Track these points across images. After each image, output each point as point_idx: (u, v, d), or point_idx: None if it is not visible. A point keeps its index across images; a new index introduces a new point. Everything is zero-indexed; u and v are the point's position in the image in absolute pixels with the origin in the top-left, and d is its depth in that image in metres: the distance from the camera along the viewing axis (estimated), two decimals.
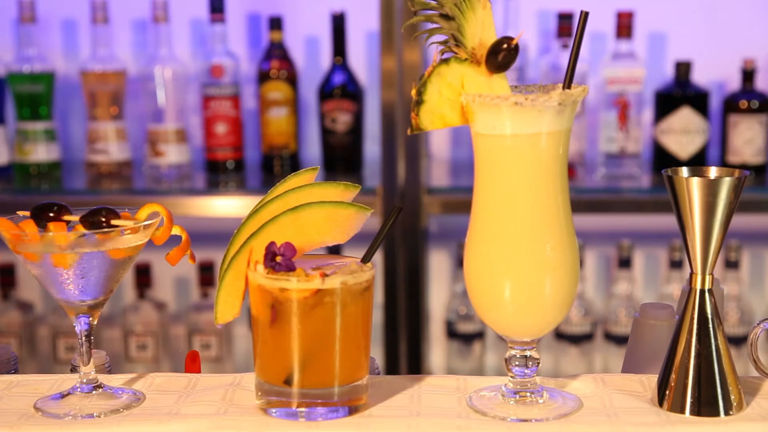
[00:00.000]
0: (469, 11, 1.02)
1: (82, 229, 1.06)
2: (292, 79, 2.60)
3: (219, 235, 2.77)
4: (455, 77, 1.03)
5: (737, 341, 2.62)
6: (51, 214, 1.08)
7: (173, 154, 2.60)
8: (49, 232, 1.04)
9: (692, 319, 1.06)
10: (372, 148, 2.66)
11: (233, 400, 1.10)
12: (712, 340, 1.06)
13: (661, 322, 1.22)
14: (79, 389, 1.11)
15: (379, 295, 2.49)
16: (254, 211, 1.09)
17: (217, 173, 2.62)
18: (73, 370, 1.23)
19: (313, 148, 2.75)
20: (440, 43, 1.04)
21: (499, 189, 1.03)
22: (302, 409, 1.04)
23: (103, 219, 1.06)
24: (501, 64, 1.02)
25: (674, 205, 1.05)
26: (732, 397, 1.05)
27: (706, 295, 1.06)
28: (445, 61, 1.03)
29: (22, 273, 2.76)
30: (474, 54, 1.03)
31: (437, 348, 2.79)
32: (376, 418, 1.05)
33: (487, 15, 1.03)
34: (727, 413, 1.04)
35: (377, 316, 2.46)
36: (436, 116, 1.03)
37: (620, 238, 2.65)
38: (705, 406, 1.05)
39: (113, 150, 2.62)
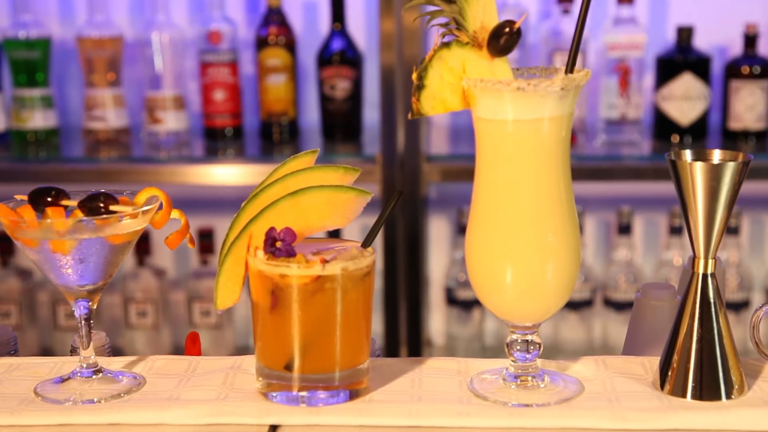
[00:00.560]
0: None
1: (80, 215, 1.06)
2: (290, 45, 2.58)
3: (218, 201, 2.77)
4: (456, 61, 1.01)
5: (736, 307, 2.62)
6: (49, 199, 1.07)
7: (171, 121, 2.58)
8: (48, 219, 1.03)
9: (694, 303, 1.06)
10: (371, 114, 2.64)
11: (234, 384, 1.09)
12: (714, 324, 1.05)
13: (663, 303, 1.22)
14: (79, 374, 1.10)
15: (379, 261, 2.49)
16: (254, 195, 1.08)
17: (216, 140, 2.61)
18: (73, 351, 1.23)
19: (312, 114, 2.73)
20: (441, 25, 1.03)
21: (501, 174, 1.02)
22: (303, 393, 1.04)
23: (102, 204, 1.05)
24: (503, 48, 1.01)
25: (677, 189, 1.04)
26: (734, 380, 1.05)
27: (709, 279, 1.05)
28: (446, 44, 1.01)
29: None
30: (476, 37, 1.02)
31: (437, 314, 2.79)
32: (377, 403, 1.05)
33: None
34: (728, 397, 1.04)
35: (377, 282, 2.46)
36: (437, 101, 1.02)
37: (620, 204, 2.64)
38: (707, 390, 1.04)
39: (111, 117, 2.61)
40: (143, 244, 2.65)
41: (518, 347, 1.07)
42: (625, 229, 2.62)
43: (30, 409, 1.05)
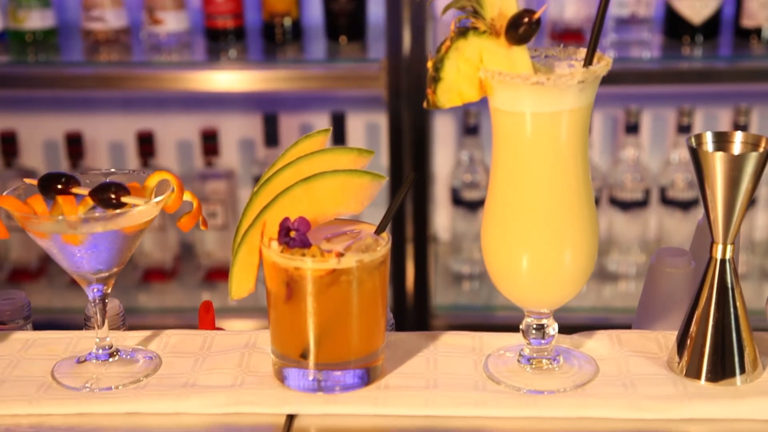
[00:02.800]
0: None
1: (90, 202, 1.05)
2: None
3: (222, 99, 2.74)
4: (473, 52, 0.98)
5: None
6: (59, 186, 1.06)
7: (172, 22, 2.52)
8: (59, 216, 1.02)
9: (711, 287, 1.05)
10: (376, 9, 2.58)
11: (249, 367, 1.10)
12: (732, 309, 1.05)
13: (678, 270, 1.21)
14: (95, 358, 1.11)
15: (385, 159, 2.48)
16: (266, 180, 1.06)
17: (218, 41, 2.55)
18: (87, 320, 1.22)
19: (315, 13, 2.66)
20: (458, 7, 1.00)
21: (518, 164, 1.01)
22: (319, 377, 1.04)
23: (113, 196, 1.03)
24: (521, 38, 0.98)
25: (697, 177, 1.02)
26: (748, 363, 1.05)
27: (727, 264, 1.05)
28: (463, 34, 0.98)
29: (25, 140, 2.73)
30: (493, 25, 0.98)
31: (442, 212, 2.79)
32: (393, 390, 1.05)
33: None
34: (743, 380, 1.05)
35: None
36: (453, 93, 0.99)
37: (628, 101, 2.61)
38: (721, 374, 1.05)
39: (110, 17, 2.55)
40: (146, 146, 2.62)
41: (533, 333, 1.07)
42: (632, 129, 2.59)
43: (48, 396, 1.05)
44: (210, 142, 2.62)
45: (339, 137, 2.53)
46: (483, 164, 2.62)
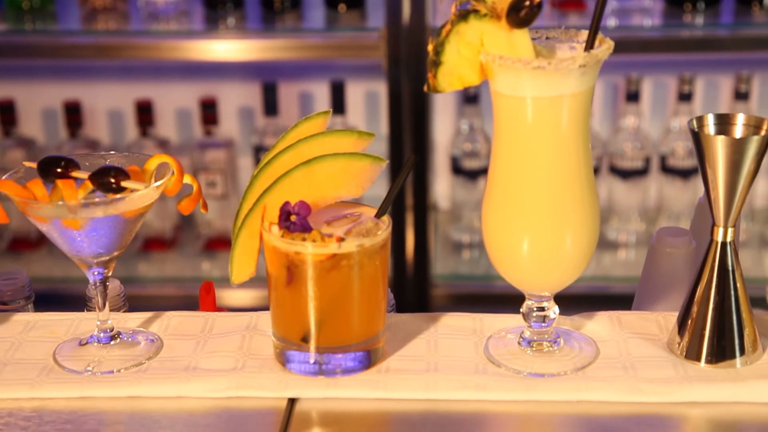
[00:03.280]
0: None
1: (90, 186, 1.04)
2: None
3: (219, 68, 2.72)
4: (474, 35, 0.98)
5: None
6: (59, 170, 1.05)
7: None
8: (59, 200, 1.02)
9: (712, 270, 1.05)
10: None
11: (250, 350, 1.10)
12: (732, 292, 1.05)
13: (678, 250, 1.21)
14: (96, 341, 1.11)
15: (384, 128, 2.47)
16: (266, 164, 1.06)
17: (216, 9, 2.54)
18: (88, 301, 1.22)
19: None
20: None
21: (520, 149, 1.00)
22: (320, 360, 1.05)
23: (113, 180, 1.03)
24: (523, 21, 0.97)
25: (698, 160, 1.02)
26: (748, 345, 1.06)
27: (728, 247, 1.05)
28: (464, 17, 0.97)
29: (23, 108, 2.72)
30: (494, 8, 0.98)
31: (442, 181, 2.78)
32: (394, 373, 1.05)
33: None
34: (743, 362, 1.05)
35: (382, 148, 2.45)
36: (454, 77, 0.99)
37: (629, 69, 2.60)
38: (721, 356, 1.05)
39: None
40: (145, 115, 2.61)
41: (534, 316, 1.07)
42: (633, 97, 2.58)
43: (49, 380, 1.05)
44: (209, 111, 2.61)
45: (338, 106, 2.52)
46: (483, 133, 2.62)
